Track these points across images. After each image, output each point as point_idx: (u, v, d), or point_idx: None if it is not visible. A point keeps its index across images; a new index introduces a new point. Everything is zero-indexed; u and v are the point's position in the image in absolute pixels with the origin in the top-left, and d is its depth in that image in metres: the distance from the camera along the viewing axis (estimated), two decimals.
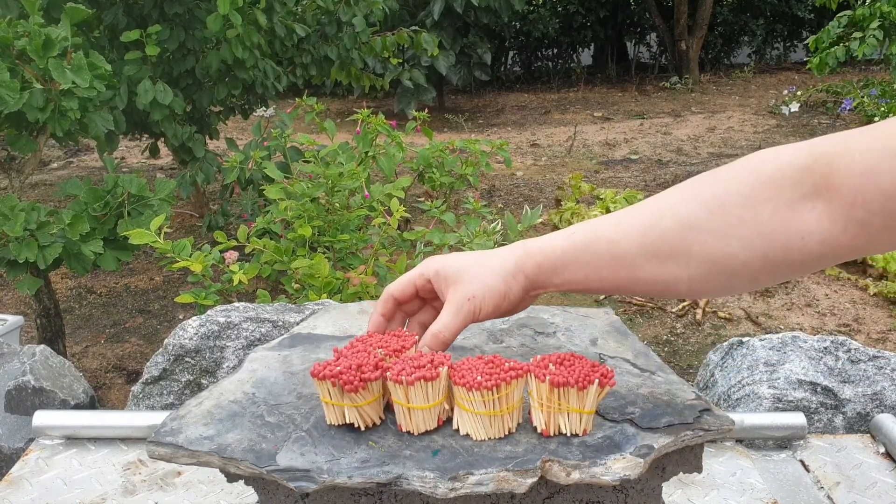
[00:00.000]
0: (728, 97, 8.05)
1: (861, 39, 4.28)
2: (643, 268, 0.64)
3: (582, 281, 0.69)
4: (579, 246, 0.68)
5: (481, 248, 2.08)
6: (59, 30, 1.88)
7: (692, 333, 2.84)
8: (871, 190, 0.54)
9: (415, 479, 0.63)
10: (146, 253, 3.63)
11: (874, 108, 5.97)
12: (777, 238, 0.58)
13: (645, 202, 0.67)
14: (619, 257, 0.65)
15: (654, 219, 0.64)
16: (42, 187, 4.94)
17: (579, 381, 0.66)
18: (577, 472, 0.64)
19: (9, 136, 2.03)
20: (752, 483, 1.09)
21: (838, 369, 1.26)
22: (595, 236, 0.68)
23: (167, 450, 0.68)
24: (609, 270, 0.66)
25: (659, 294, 0.68)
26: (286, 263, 1.83)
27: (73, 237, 1.89)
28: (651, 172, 5.09)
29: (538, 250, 0.70)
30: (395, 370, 0.68)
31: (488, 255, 0.73)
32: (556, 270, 0.69)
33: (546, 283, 0.71)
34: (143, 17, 3.05)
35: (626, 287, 0.67)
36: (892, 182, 0.52)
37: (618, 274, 0.66)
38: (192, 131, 3.18)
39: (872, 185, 0.53)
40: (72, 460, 1.13)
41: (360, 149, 2.46)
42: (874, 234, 0.55)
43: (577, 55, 10.17)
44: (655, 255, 0.63)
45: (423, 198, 3.14)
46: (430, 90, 6.74)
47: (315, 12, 3.58)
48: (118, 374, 2.63)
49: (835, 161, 0.56)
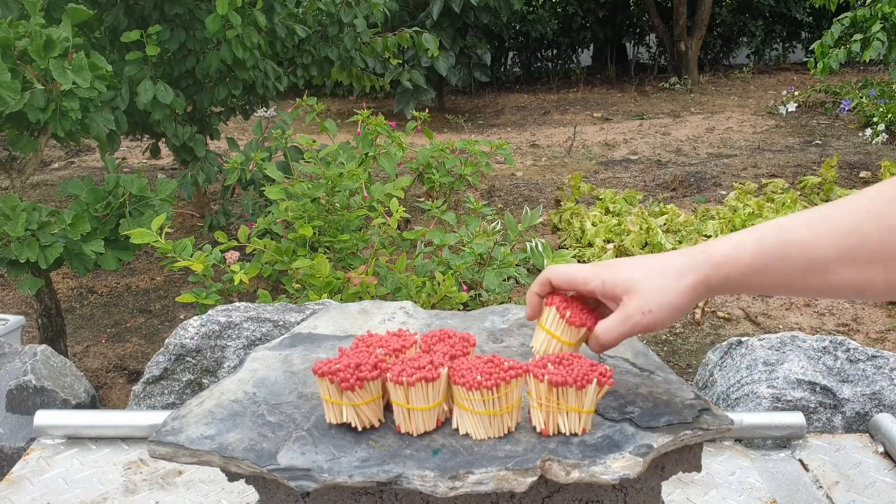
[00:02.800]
0: (727, 98, 8.05)
1: (862, 41, 4.28)
2: (839, 273, 0.62)
3: (767, 287, 0.66)
4: (772, 252, 0.65)
5: (481, 247, 2.08)
6: (60, 30, 1.88)
7: (691, 333, 2.84)
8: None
9: (415, 479, 0.63)
10: (147, 253, 3.63)
11: (873, 109, 5.97)
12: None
13: (837, 204, 0.64)
14: (814, 262, 0.63)
15: (852, 222, 0.61)
16: (43, 187, 4.94)
17: (578, 380, 0.66)
18: (577, 471, 0.64)
19: (10, 137, 2.03)
20: (752, 482, 1.09)
21: (837, 369, 1.26)
22: (788, 240, 0.64)
23: (168, 449, 0.69)
24: (801, 275, 0.64)
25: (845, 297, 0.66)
26: (287, 263, 1.84)
27: (75, 237, 1.89)
28: (650, 173, 5.09)
29: (724, 260, 0.67)
30: (395, 371, 0.68)
31: (665, 266, 0.69)
32: (744, 280, 0.66)
33: (724, 290, 0.68)
34: (144, 17, 3.05)
35: (813, 291, 0.65)
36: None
37: (809, 280, 0.64)
38: (192, 131, 3.18)
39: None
40: (73, 460, 1.14)
41: (361, 149, 2.46)
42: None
43: (577, 56, 10.17)
44: (854, 261, 0.61)
45: (423, 198, 3.14)
46: (430, 91, 6.74)
47: (316, 13, 3.58)
48: (119, 373, 2.63)
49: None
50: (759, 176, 4.76)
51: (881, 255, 0.60)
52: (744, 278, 0.66)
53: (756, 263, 0.65)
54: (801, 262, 0.63)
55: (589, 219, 3.67)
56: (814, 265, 0.63)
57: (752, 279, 0.66)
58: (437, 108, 7.49)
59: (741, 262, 0.66)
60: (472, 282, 2.08)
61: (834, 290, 0.63)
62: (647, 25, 9.91)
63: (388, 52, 3.88)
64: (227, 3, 2.70)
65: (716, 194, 4.47)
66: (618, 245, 3.43)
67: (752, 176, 4.78)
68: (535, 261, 2.14)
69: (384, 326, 0.92)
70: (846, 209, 0.63)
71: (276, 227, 2.02)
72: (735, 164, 5.16)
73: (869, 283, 0.61)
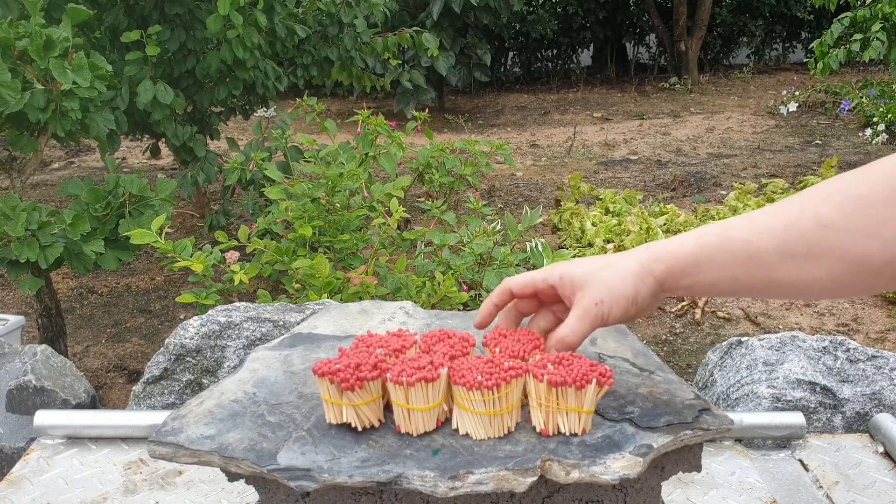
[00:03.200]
0: (727, 98, 8.05)
1: (862, 41, 4.28)
2: (780, 268, 0.64)
3: (713, 283, 0.68)
4: (713, 246, 0.67)
5: (481, 247, 2.08)
6: (60, 30, 1.88)
7: (691, 333, 2.84)
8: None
9: (415, 479, 0.63)
10: (147, 253, 3.63)
11: (873, 109, 5.97)
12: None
13: (779, 203, 0.66)
14: (754, 257, 0.64)
15: (790, 219, 0.63)
16: (43, 187, 4.94)
17: (577, 380, 0.66)
18: (577, 471, 0.64)
19: (10, 137, 2.03)
20: (751, 482, 1.09)
21: (837, 369, 1.26)
22: (728, 236, 0.67)
23: (168, 449, 0.69)
24: (743, 271, 0.65)
25: (795, 296, 0.67)
26: (287, 263, 1.84)
27: (75, 237, 1.89)
28: (650, 173, 5.09)
29: (666, 253, 0.70)
30: (395, 371, 0.68)
31: (614, 259, 0.72)
32: (687, 272, 0.69)
33: (675, 286, 0.70)
34: (144, 17, 3.05)
35: (761, 288, 0.66)
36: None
37: (753, 275, 0.65)
38: (192, 131, 3.18)
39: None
40: (73, 460, 1.14)
41: (361, 149, 2.46)
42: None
43: (577, 56, 10.17)
44: (792, 256, 0.62)
45: (423, 198, 3.14)
46: (430, 91, 6.74)
47: (316, 13, 3.58)
48: (119, 373, 2.63)
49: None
50: (759, 176, 4.76)
51: (820, 253, 0.61)
52: (687, 270, 0.68)
53: (698, 257, 0.68)
54: (741, 256, 0.65)
55: (589, 219, 3.67)
56: (755, 260, 0.65)
57: (697, 274, 0.68)
58: (437, 108, 7.49)
59: (683, 255, 0.69)
60: (472, 282, 2.08)
61: (781, 286, 0.65)
62: (647, 25, 9.91)
63: (388, 52, 3.88)
64: (228, 3, 2.70)
65: (716, 194, 4.47)
66: (618, 245, 3.43)
67: (752, 176, 4.78)
68: (535, 261, 2.14)
69: (384, 326, 0.92)
70: (785, 207, 0.65)
71: (276, 227, 2.02)
72: (735, 164, 5.16)
73: (812, 280, 0.62)
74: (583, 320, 0.71)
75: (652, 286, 0.70)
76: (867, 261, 0.59)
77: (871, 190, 0.59)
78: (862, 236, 0.59)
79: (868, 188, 0.60)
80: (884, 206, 0.58)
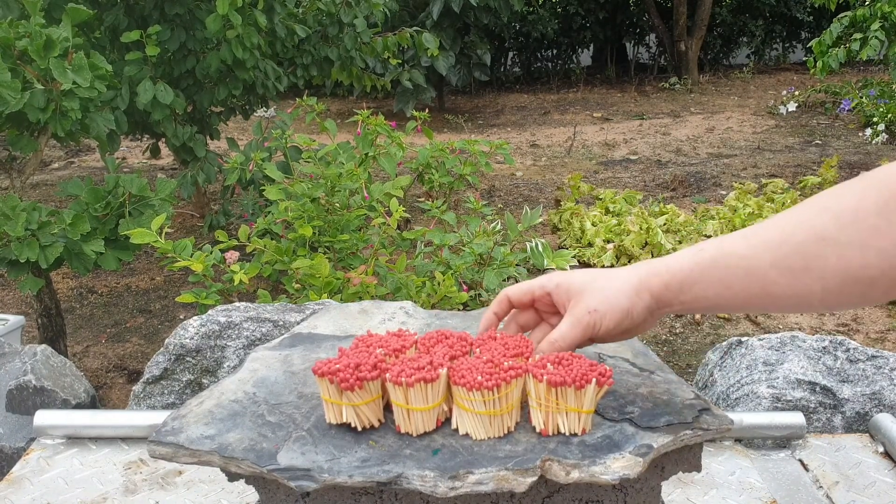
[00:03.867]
0: (727, 98, 8.05)
1: (862, 41, 4.28)
2: (776, 282, 0.64)
3: (711, 298, 0.69)
4: (708, 262, 0.68)
5: (481, 247, 2.08)
6: (60, 30, 1.88)
7: (691, 333, 2.84)
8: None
9: (415, 479, 0.63)
10: (147, 253, 3.63)
11: (873, 109, 5.97)
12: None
13: (773, 218, 0.67)
14: (751, 272, 0.65)
15: (785, 233, 0.64)
16: (43, 187, 4.94)
17: (576, 380, 0.66)
18: (577, 471, 0.64)
19: (10, 137, 2.03)
20: (752, 482, 1.09)
21: (837, 369, 1.26)
22: (725, 252, 0.67)
23: (168, 449, 0.69)
24: (741, 286, 0.66)
25: (792, 309, 0.68)
26: (287, 263, 1.84)
27: (75, 237, 1.89)
28: (650, 173, 5.09)
29: (665, 268, 0.70)
30: (394, 371, 0.68)
31: (612, 272, 0.74)
32: (684, 288, 0.69)
33: (672, 302, 0.71)
34: (144, 17, 3.05)
35: (758, 303, 0.67)
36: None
37: (750, 289, 0.66)
38: (192, 131, 3.18)
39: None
40: (73, 460, 1.14)
41: (361, 149, 2.46)
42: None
43: (577, 56, 10.17)
44: (789, 269, 0.63)
45: (423, 198, 3.14)
46: (430, 90, 6.74)
47: (316, 13, 3.58)
48: (119, 373, 2.63)
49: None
50: (759, 176, 4.76)
51: (815, 265, 0.62)
52: (684, 286, 0.69)
53: (695, 272, 0.69)
54: (738, 270, 0.66)
55: (589, 219, 3.67)
56: (751, 274, 0.65)
57: (694, 289, 0.69)
58: (437, 107, 7.49)
59: (681, 272, 0.69)
60: (472, 282, 2.08)
61: (778, 300, 0.65)
62: (647, 25, 9.91)
63: (388, 51, 3.88)
64: (227, 3, 2.70)
65: (716, 194, 4.47)
66: (618, 245, 3.43)
67: (752, 176, 4.78)
68: (535, 261, 2.14)
69: (384, 326, 0.92)
70: (780, 221, 0.66)
71: (276, 227, 2.02)
72: (735, 164, 5.16)
73: (808, 293, 0.63)
74: (574, 327, 0.72)
75: (648, 301, 0.71)
76: (862, 272, 0.60)
77: (863, 202, 0.60)
78: (856, 248, 0.60)
79: (860, 200, 0.60)
80: (876, 216, 0.59)
